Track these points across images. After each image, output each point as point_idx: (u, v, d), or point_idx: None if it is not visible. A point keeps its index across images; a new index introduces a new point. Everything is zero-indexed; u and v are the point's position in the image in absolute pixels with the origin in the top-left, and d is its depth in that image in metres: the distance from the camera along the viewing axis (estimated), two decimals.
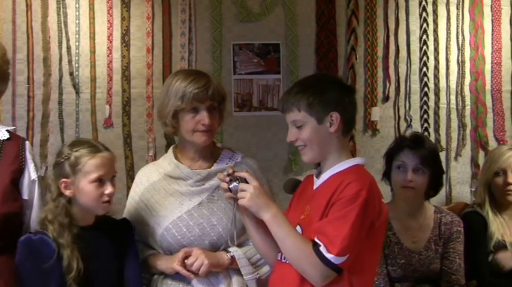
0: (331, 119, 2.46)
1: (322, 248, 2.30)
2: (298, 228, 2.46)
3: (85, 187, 2.60)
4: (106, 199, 2.62)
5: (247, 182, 2.45)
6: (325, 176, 2.50)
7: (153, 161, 3.90)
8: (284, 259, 2.46)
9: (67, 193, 2.62)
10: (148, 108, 4.27)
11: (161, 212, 2.84)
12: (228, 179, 2.47)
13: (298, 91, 2.50)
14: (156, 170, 2.97)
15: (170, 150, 3.00)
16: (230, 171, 2.49)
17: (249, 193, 2.40)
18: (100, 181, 2.61)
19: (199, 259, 2.69)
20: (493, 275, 3.52)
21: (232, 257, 2.77)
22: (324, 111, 2.46)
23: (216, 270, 2.75)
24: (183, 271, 2.69)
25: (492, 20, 4.66)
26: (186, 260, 2.71)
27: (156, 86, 4.23)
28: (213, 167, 2.91)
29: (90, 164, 2.60)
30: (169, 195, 2.87)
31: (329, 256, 2.28)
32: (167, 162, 2.95)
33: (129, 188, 3.52)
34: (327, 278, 2.32)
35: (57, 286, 2.53)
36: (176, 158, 2.94)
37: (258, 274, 2.79)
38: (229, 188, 2.47)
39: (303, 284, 2.38)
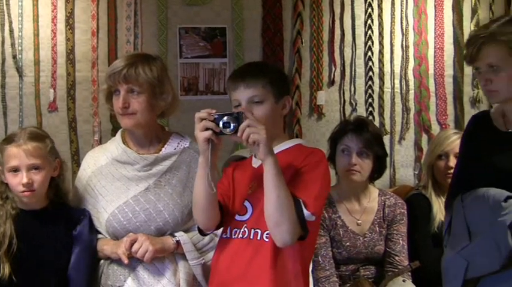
0: (285, 102, 2.56)
1: (301, 203, 2.35)
2: (246, 203, 2.52)
3: (6, 176, 2.74)
4: (21, 189, 2.70)
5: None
6: None
7: (98, 145, 3.87)
8: (235, 235, 2.50)
9: (2, 178, 2.76)
10: (94, 92, 4.22)
11: (107, 197, 2.83)
12: (212, 117, 2.34)
13: (258, 69, 2.58)
14: (104, 154, 2.96)
15: (118, 134, 2.99)
16: (213, 111, 2.36)
17: (263, 129, 2.29)
18: (15, 171, 2.71)
19: (143, 246, 2.69)
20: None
21: (178, 242, 2.77)
22: (281, 92, 2.54)
23: (162, 255, 2.76)
24: (122, 256, 2.69)
25: (435, 6, 4.71)
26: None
27: (101, 70, 4.19)
28: (160, 153, 2.90)
29: (6, 155, 2.73)
30: (116, 180, 2.86)
31: (306, 212, 2.34)
32: (115, 146, 2.94)
33: (74, 173, 3.49)
34: (295, 237, 2.35)
35: None
36: (124, 142, 2.93)
37: (203, 259, 2.80)
38: (229, 120, 2.32)
39: (257, 258, 2.42)
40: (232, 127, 2.32)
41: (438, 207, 3.62)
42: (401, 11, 4.68)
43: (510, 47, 2.56)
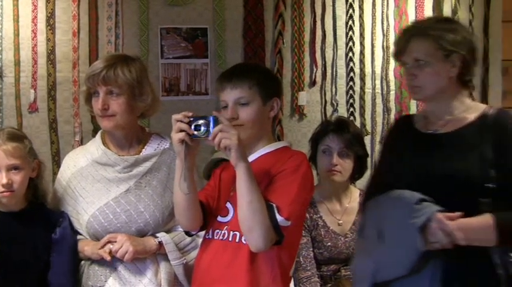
0: (273, 104, 2.54)
1: (274, 208, 2.34)
2: (228, 204, 2.51)
3: None
4: (0, 189, 2.67)
5: None
6: (254, 156, 2.53)
7: (79, 146, 3.86)
8: (216, 236, 2.51)
9: None
10: (75, 92, 4.21)
11: (88, 199, 2.82)
12: (187, 119, 2.35)
13: (246, 70, 2.58)
14: (84, 156, 2.94)
15: (98, 135, 2.97)
16: (190, 114, 2.37)
17: (235, 135, 2.29)
18: None
19: (124, 246, 2.67)
20: None
21: (160, 243, 2.77)
22: (269, 94, 2.53)
23: (143, 256, 2.75)
24: (104, 254, 2.69)
25: (416, 7, 4.75)
26: (111, 246, 2.70)
27: (82, 70, 4.16)
28: (141, 154, 2.90)
29: None
30: (96, 181, 2.85)
31: (279, 217, 2.34)
32: (95, 147, 2.93)
33: (54, 174, 3.47)
34: (269, 243, 2.35)
35: None
36: (104, 143, 2.91)
37: (185, 259, 2.79)
38: (202, 123, 2.32)
39: (235, 260, 2.42)
40: (204, 130, 2.33)
41: None
42: (382, 12, 4.71)
43: (439, 43, 2.48)
